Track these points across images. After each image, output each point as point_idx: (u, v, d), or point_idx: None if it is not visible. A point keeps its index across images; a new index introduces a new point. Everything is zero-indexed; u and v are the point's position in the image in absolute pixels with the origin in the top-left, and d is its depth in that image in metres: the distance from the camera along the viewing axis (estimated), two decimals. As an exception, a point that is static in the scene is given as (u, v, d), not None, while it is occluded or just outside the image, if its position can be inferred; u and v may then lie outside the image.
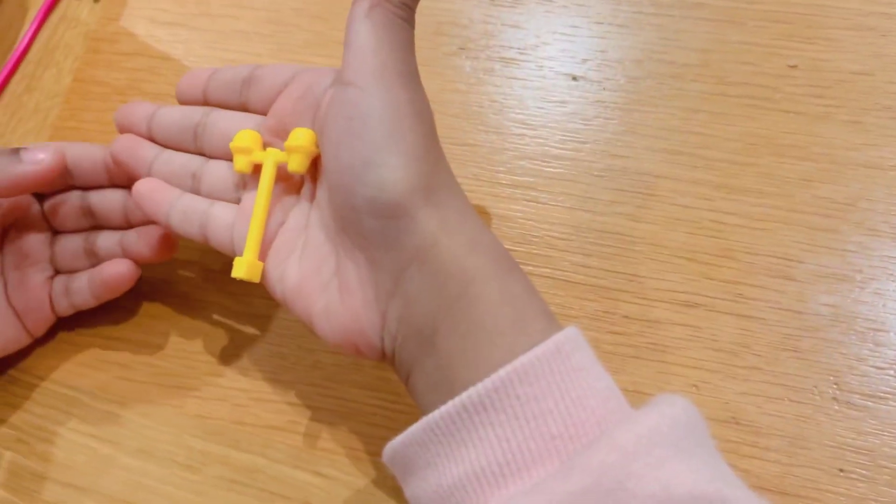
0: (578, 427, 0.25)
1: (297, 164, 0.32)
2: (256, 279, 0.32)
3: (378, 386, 0.37)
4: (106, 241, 0.38)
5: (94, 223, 0.39)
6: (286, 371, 0.38)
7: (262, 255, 0.33)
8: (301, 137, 0.32)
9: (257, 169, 0.33)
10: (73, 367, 0.40)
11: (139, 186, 0.35)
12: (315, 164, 0.33)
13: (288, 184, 0.34)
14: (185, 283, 0.41)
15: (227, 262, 0.33)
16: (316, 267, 0.31)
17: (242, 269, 0.32)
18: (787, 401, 0.34)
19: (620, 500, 0.23)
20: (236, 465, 0.36)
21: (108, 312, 0.40)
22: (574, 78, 0.41)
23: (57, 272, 0.39)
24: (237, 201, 0.34)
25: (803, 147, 0.38)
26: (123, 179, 0.38)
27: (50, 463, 0.38)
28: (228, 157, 0.35)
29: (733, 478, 0.25)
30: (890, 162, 0.37)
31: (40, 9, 0.48)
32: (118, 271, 0.37)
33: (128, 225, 0.39)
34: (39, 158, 0.35)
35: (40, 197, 0.39)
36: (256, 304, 0.39)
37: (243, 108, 0.35)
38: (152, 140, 0.37)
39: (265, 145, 0.34)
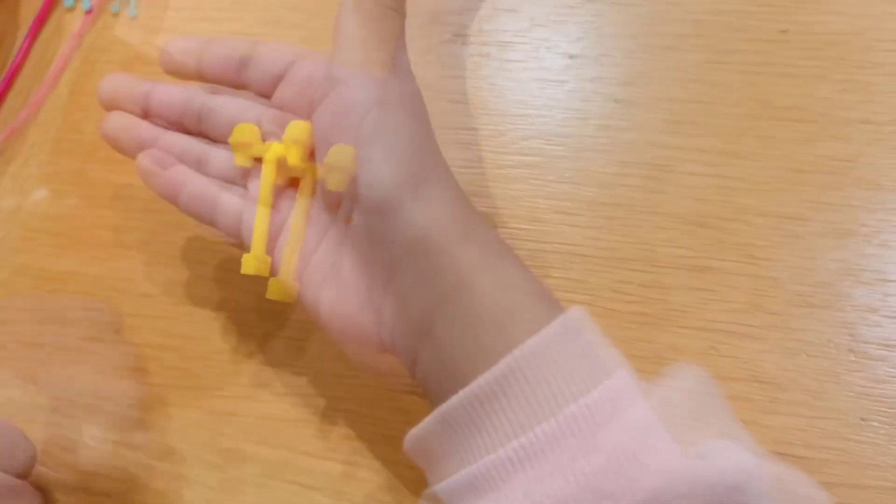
0: (591, 406, 0.24)
1: (295, 158, 0.32)
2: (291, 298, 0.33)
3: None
4: None
5: None
6: (309, 363, 0.38)
7: (270, 247, 0.33)
8: (298, 131, 0.31)
9: (259, 161, 0.33)
10: (94, 376, 0.40)
11: (145, 160, 0.34)
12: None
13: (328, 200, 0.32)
14: (198, 284, 0.41)
15: (237, 257, 0.33)
16: (326, 259, 0.31)
17: (276, 289, 0.33)
18: (805, 356, 0.35)
19: (638, 477, 0.23)
20: (266, 461, 0.37)
21: (124, 319, 0.40)
22: (570, 56, 0.42)
23: None
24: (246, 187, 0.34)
25: (802, 108, 0.38)
26: None
27: (77, 473, 0.38)
28: None
29: (752, 445, 0.25)
30: (886, 117, 0.37)
31: (31, 24, 0.48)
32: None
33: None
34: None
35: None
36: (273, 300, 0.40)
37: (242, 87, 0.34)
38: (145, 119, 0.35)
39: (266, 136, 0.33)
